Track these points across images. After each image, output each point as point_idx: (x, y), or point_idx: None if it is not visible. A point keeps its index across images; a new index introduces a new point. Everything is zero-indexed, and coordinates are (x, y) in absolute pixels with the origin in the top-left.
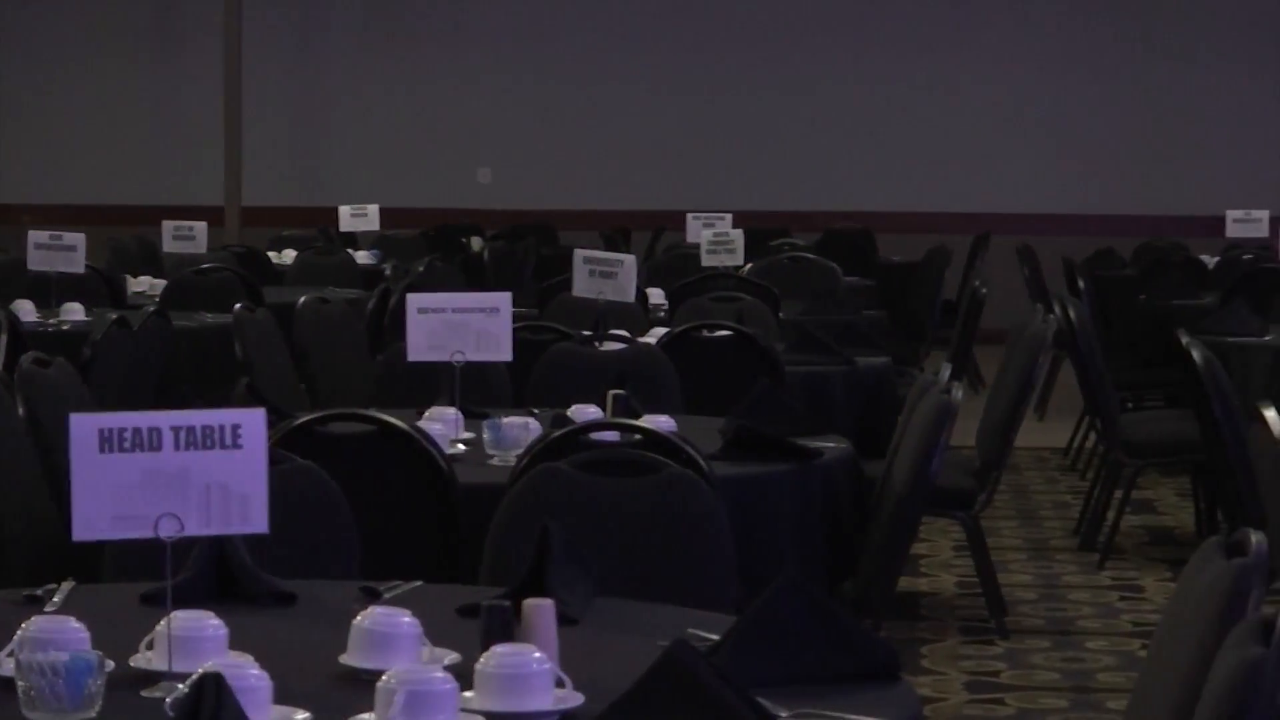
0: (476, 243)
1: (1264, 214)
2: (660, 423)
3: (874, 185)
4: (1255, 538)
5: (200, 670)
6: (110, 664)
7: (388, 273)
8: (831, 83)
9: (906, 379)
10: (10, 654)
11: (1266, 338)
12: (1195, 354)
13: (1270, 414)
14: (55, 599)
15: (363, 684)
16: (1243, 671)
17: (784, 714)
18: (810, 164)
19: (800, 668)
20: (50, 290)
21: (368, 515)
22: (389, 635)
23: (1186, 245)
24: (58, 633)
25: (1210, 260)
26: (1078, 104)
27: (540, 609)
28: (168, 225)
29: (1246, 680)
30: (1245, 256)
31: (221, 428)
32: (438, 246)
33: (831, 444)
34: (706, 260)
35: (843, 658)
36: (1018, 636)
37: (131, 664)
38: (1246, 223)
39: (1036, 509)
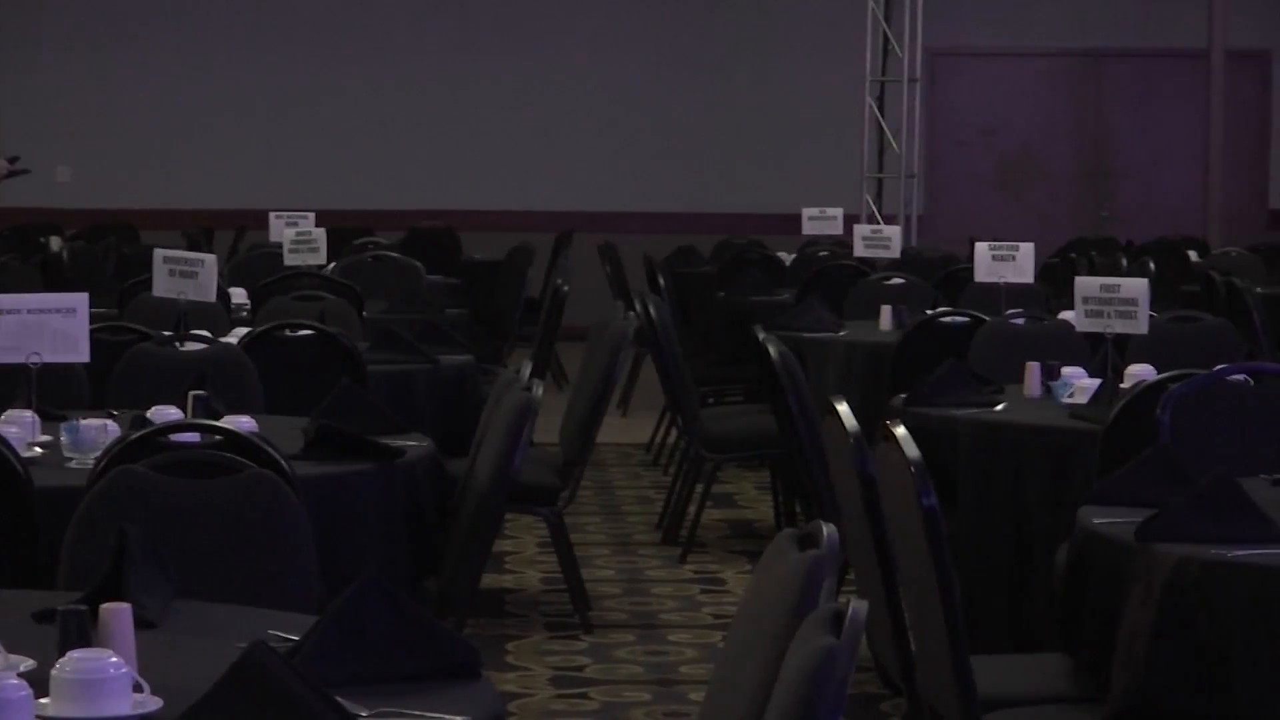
0: (55, 242)
1: (838, 212)
2: (241, 423)
3: (457, 184)
4: (827, 529)
5: None
6: None
7: None
8: (415, 81)
9: (490, 377)
10: None
11: (841, 333)
12: (772, 350)
13: (843, 408)
14: None
15: None
16: (815, 660)
17: (364, 713)
18: (393, 163)
19: (381, 667)
20: None
21: None
22: None
23: (764, 242)
24: None
25: (787, 257)
26: (658, 103)
27: (117, 613)
28: None
29: (819, 669)
30: (821, 254)
31: None
32: (14, 246)
33: (414, 442)
34: (289, 259)
35: (423, 656)
36: (602, 631)
37: None
38: (821, 220)
39: (620, 504)
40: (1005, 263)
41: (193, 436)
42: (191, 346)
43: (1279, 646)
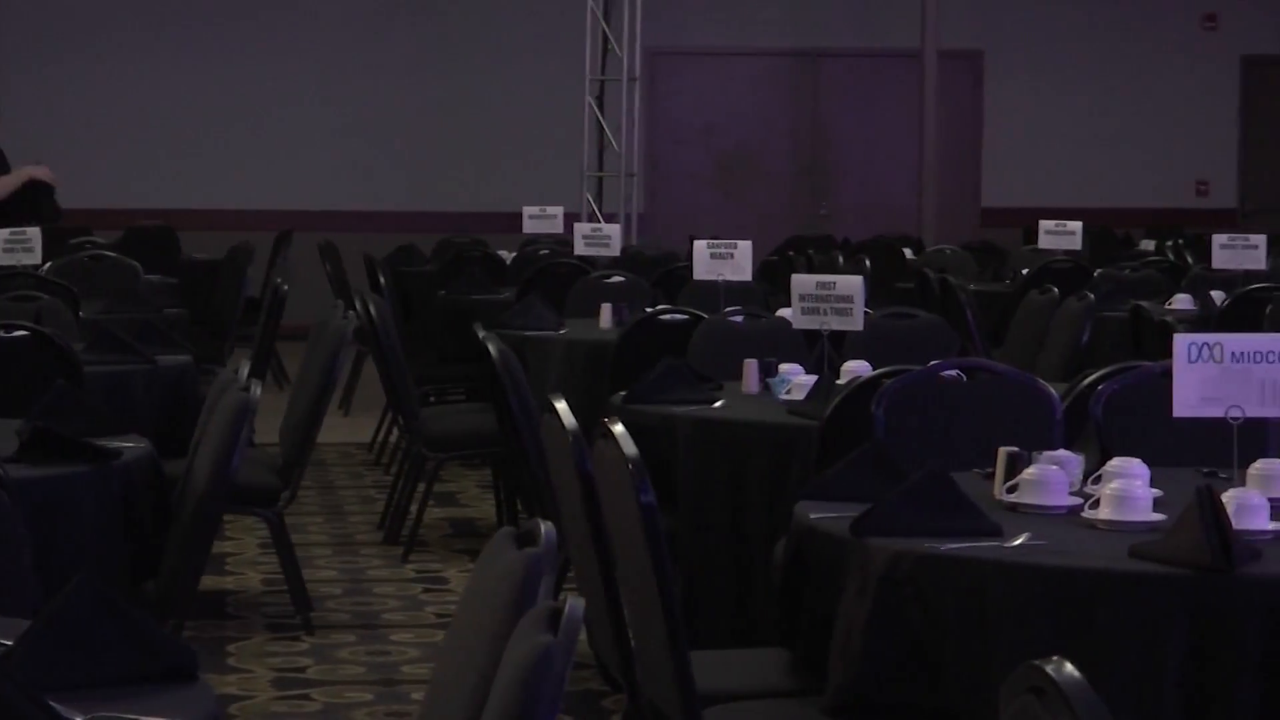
0: None
1: (559, 210)
2: None
3: (175, 182)
4: (545, 527)
5: None
6: None
7: None
8: (132, 79)
9: (209, 377)
10: None
11: (561, 331)
12: (492, 348)
13: (561, 406)
14: None
15: None
16: (532, 658)
17: (78, 718)
18: (110, 161)
19: (96, 671)
20: None
21: None
22: None
23: (485, 241)
24: None
25: (508, 256)
26: (378, 101)
27: None
28: None
29: (535, 666)
30: (541, 252)
31: None
32: None
33: (131, 444)
34: (3, 259)
35: (138, 659)
36: (324, 631)
37: None
38: (542, 219)
39: (341, 504)
40: (724, 260)
41: None
42: None
43: (989, 638)
